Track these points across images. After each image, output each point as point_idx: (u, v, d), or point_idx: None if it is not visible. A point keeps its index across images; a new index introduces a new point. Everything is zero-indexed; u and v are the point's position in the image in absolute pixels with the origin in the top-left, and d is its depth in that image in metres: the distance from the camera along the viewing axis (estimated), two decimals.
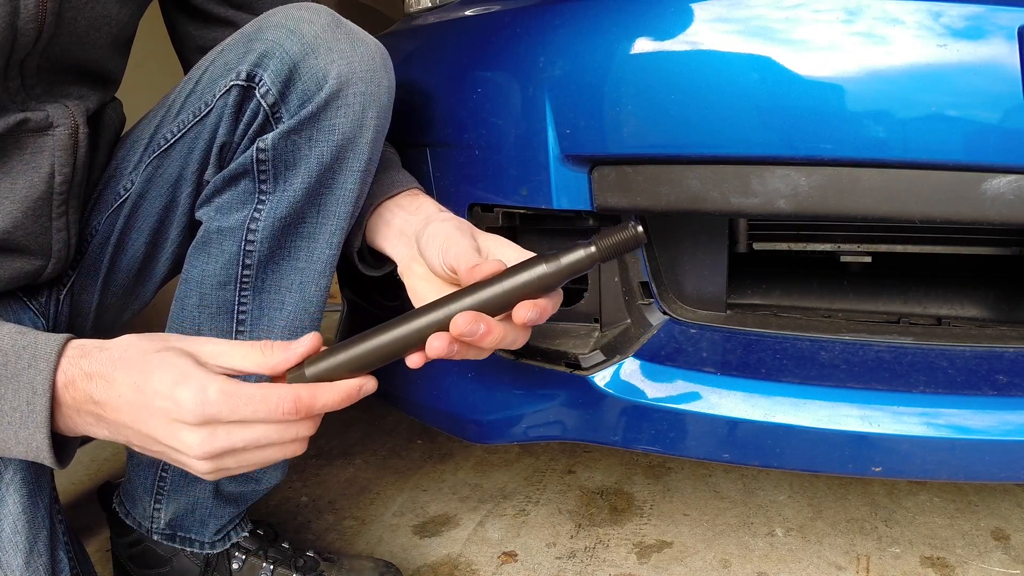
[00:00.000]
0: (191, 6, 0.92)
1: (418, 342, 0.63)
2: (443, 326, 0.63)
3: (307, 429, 0.62)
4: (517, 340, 0.67)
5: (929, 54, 0.67)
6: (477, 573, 1.05)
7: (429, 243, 0.73)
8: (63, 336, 0.62)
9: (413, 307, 0.70)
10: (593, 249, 0.63)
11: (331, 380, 0.63)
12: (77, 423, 0.62)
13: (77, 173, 0.78)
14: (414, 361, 0.65)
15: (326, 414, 0.64)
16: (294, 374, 0.63)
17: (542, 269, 0.63)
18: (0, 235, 0.73)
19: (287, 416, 0.59)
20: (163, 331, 0.84)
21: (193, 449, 0.59)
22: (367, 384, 0.63)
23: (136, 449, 0.63)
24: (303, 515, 1.21)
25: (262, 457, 0.61)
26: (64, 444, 0.64)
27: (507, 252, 0.71)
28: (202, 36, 0.93)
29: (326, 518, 1.21)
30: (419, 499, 1.25)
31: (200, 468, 0.60)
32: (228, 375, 0.61)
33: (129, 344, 0.62)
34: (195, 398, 0.57)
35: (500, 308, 0.64)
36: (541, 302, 0.64)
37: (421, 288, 0.76)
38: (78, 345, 0.62)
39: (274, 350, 0.62)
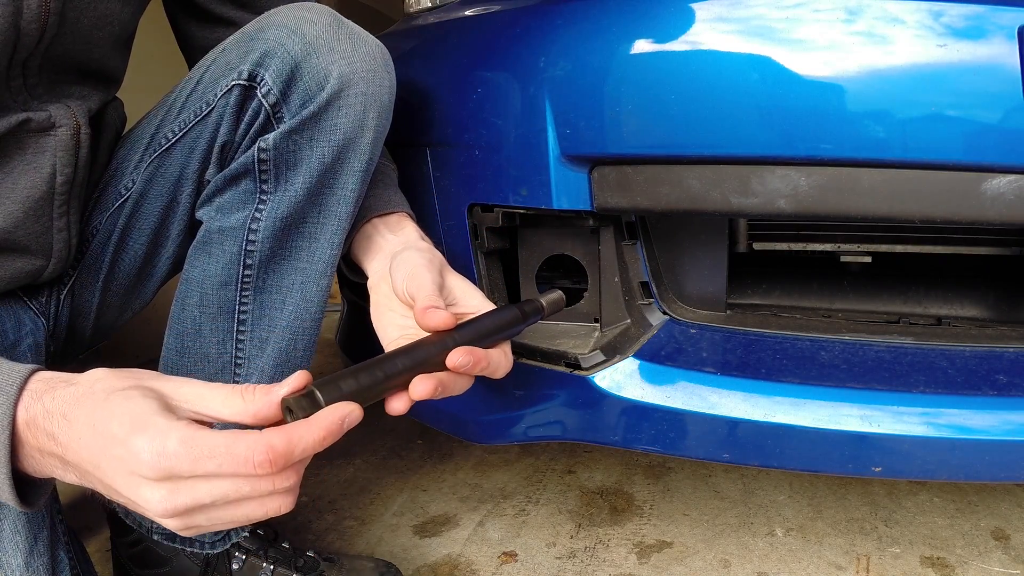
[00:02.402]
0: (194, 6, 0.93)
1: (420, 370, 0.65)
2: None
3: (286, 479, 0.53)
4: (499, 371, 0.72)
5: (929, 54, 0.67)
6: (477, 573, 1.05)
7: (399, 267, 0.75)
8: (27, 368, 0.56)
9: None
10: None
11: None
12: (43, 466, 0.56)
13: (78, 173, 0.78)
14: (400, 406, 0.63)
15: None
16: (299, 401, 0.55)
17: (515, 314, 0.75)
18: (1, 235, 0.73)
19: (260, 470, 0.51)
20: (164, 331, 0.84)
21: (153, 506, 0.51)
22: (352, 414, 0.55)
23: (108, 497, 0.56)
24: (303, 515, 1.21)
25: (238, 514, 0.53)
26: (32, 484, 0.58)
27: (470, 295, 0.76)
28: (205, 36, 0.94)
29: (326, 518, 1.21)
30: (419, 499, 1.25)
31: (168, 525, 0.53)
32: (200, 421, 0.54)
33: (98, 379, 0.55)
34: (151, 449, 0.50)
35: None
36: (479, 352, 0.68)
37: (383, 305, 0.78)
38: (44, 379, 0.56)
39: (256, 395, 0.55)
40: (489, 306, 0.76)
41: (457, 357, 0.66)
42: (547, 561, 1.06)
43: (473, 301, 0.75)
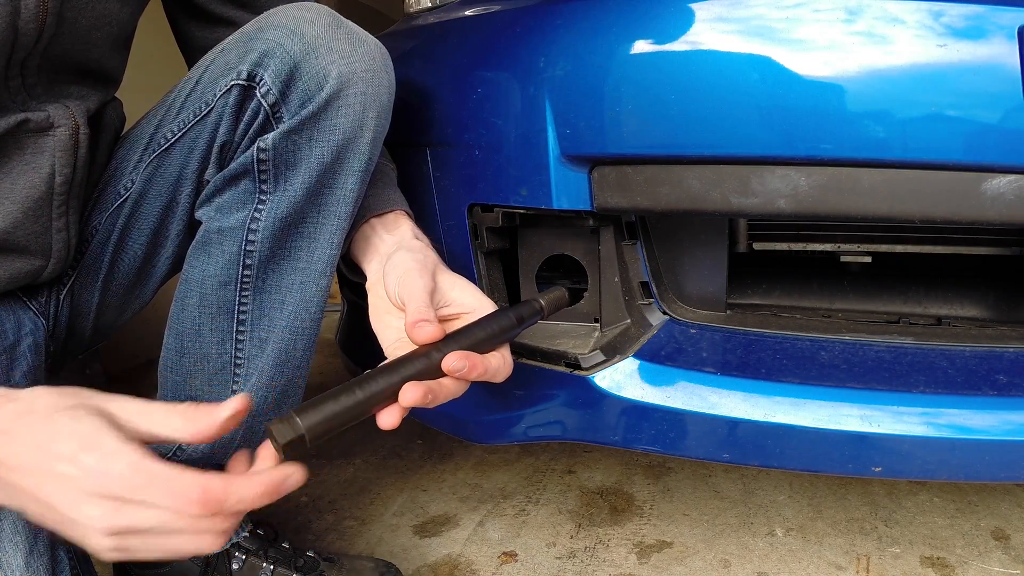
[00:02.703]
0: (194, 6, 0.93)
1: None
2: (433, 371, 0.66)
3: (222, 523, 0.54)
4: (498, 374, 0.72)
5: (929, 54, 0.67)
6: (477, 573, 1.05)
7: (391, 271, 0.75)
8: None
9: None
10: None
11: (330, 430, 0.58)
12: None
13: (77, 173, 0.78)
14: (390, 420, 0.63)
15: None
16: (278, 427, 0.56)
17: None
18: (0, 235, 0.73)
19: (190, 508, 0.52)
20: (164, 331, 0.84)
21: (94, 521, 0.52)
22: (293, 476, 0.56)
23: (32, 519, 0.56)
24: (303, 515, 1.21)
25: (171, 545, 0.54)
26: None
27: (465, 294, 0.75)
28: (205, 36, 0.93)
29: (326, 518, 1.21)
30: (419, 499, 1.25)
31: (100, 544, 0.53)
32: (146, 442, 0.56)
33: (39, 396, 0.56)
34: (100, 468, 0.51)
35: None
36: (475, 357, 0.68)
37: (380, 308, 0.78)
38: None
39: (197, 414, 0.56)
40: (485, 302, 0.75)
41: (452, 361, 0.66)
42: (547, 561, 1.06)
43: (468, 300, 0.75)
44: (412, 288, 0.71)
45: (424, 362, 0.66)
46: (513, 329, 0.74)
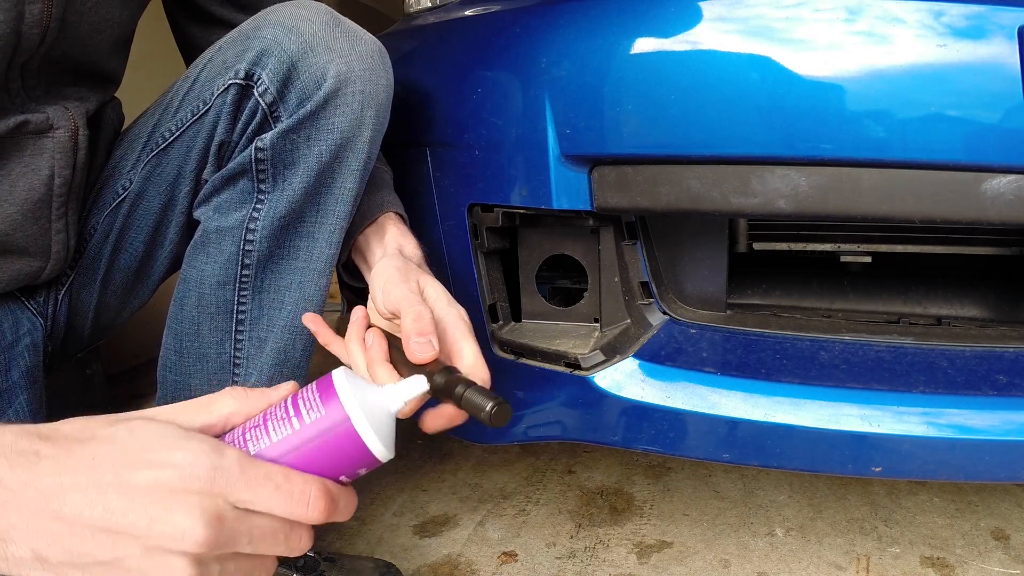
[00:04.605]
0: (195, 7, 0.93)
1: None
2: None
3: (307, 534, 0.49)
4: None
5: (929, 54, 0.67)
6: (477, 573, 1.05)
7: (373, 281, 0.73)
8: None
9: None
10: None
11: None
12: None
13: (76, 175, 0.78)
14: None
15: None
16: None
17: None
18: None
19: (312, 510, 0.46)
20: (163, 330, 0.84)
21: (188, 534, 0.42)
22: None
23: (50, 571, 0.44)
24: None
25: (252, 568, 0.47)
26: None
27: (437, 300, 0.69)
28: (206, 38, 0.93)
29: None
30: (419, 499, 1.25)
31: (177, 567, 0.43)
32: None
33: (80, 423, 0.47)
34: (206, 461, 0.44)
35: None
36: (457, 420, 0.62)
37: (378, 324, 0.74)
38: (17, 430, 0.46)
39: (250, 396, 0.52)
40: (451, 311, 0.68)
41: (429, 419, 0.62)
42: (547, 561, 1.06)
43: (439, 307, 0.68)
44: (399, 292, 0.67)
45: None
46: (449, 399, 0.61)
